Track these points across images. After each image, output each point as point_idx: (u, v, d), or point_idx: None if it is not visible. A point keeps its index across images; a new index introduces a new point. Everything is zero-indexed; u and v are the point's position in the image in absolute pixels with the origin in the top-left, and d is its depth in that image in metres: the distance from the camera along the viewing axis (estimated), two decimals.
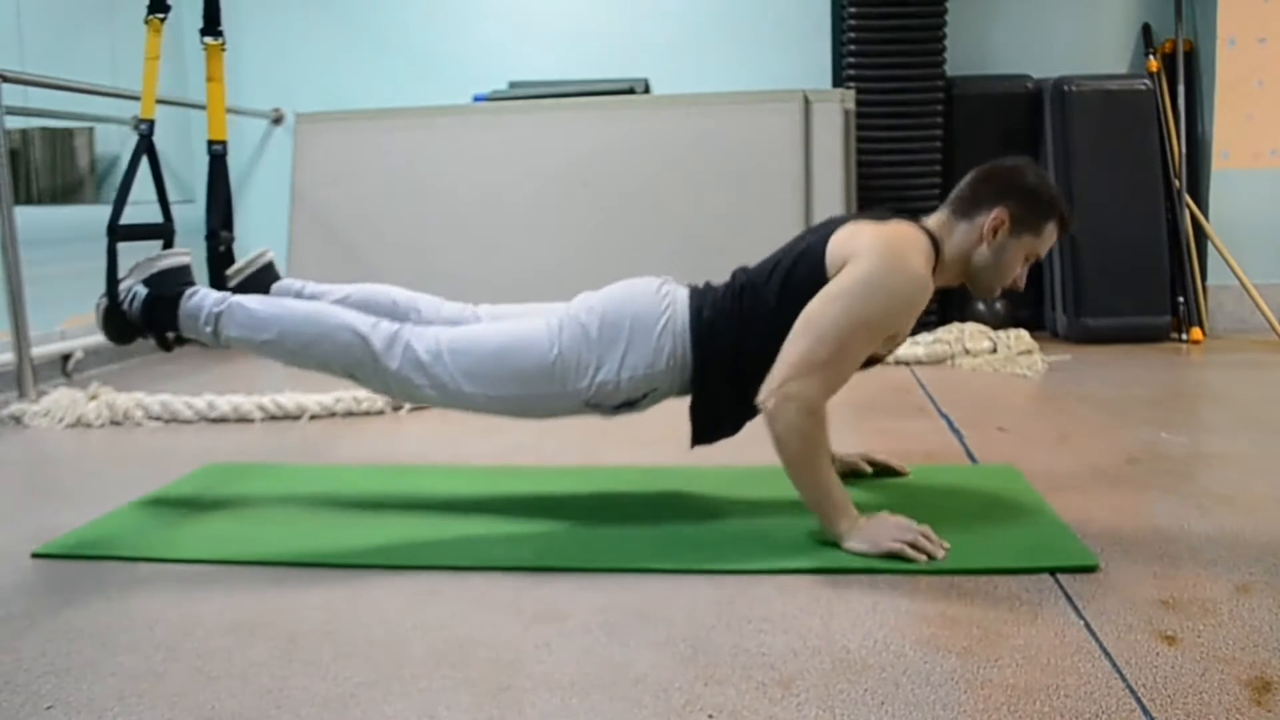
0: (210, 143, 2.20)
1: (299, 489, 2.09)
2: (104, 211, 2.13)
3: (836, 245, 1.68)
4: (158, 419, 2.80)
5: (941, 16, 3.83)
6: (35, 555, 1.72)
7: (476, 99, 4.08)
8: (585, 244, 3.77)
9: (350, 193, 3.92)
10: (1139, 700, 1.16)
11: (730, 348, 1.73)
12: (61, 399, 2.83)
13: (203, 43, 2.19)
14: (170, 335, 1.92)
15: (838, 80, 4.07)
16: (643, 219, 3.76)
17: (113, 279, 1.94)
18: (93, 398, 2.85)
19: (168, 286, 1.88)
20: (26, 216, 3.04)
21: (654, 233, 3.73)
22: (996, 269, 1.76)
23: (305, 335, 1.80)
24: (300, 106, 4.12)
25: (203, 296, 1.87)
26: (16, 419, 2.80)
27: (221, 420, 2.78)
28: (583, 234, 3.78)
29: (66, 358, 3.39)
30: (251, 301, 1.85)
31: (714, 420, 1.79)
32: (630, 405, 1.78)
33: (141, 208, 2.12)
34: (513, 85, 4.18)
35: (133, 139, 3.89)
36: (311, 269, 3.87)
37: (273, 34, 4.32)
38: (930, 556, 1.57)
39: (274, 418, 2.80)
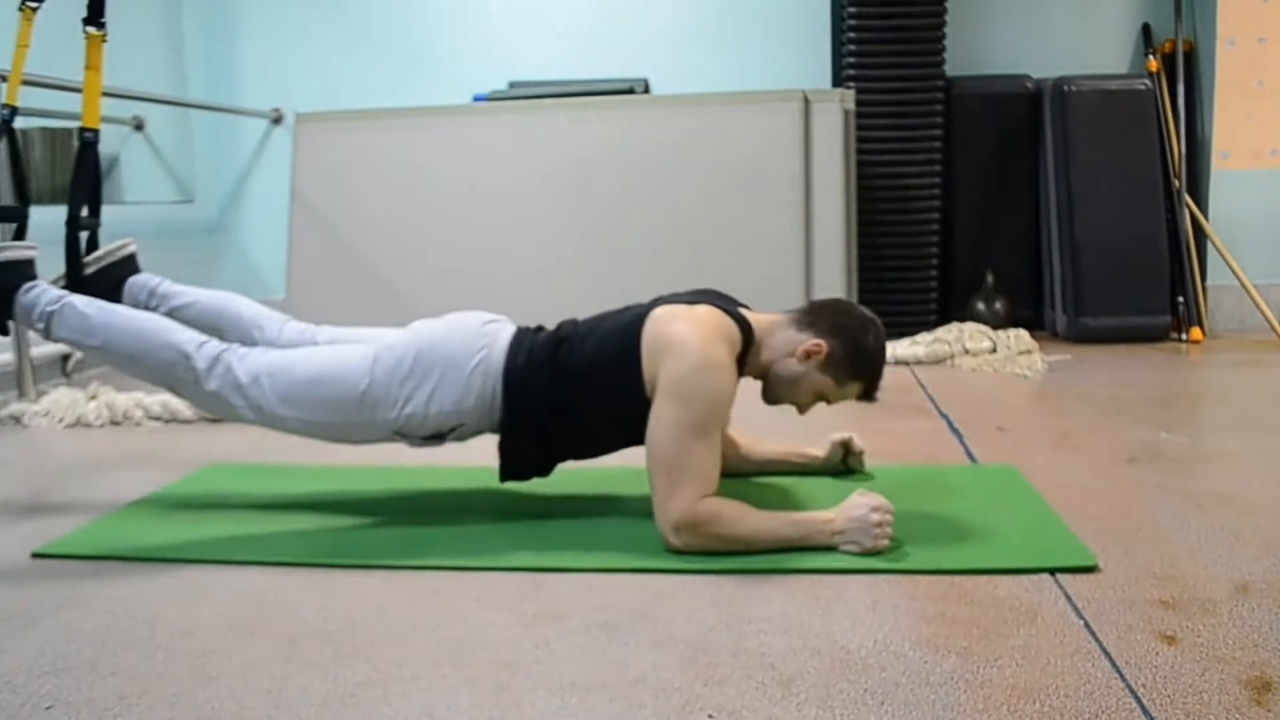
0: (81, 130, 2.21)
1: (299, 489, 2.09)
2: (103, 211, 2.13)
3: (651, 327, 1.72)
4: (158, 419, 2.81)
5: (941, 16, 3.83)
6: (35, 555, 1.72)
7: (476, 99, 4.08)
8: (585, 244, 3.77)
9: (350, 193, 3.92)
10: (1139, 700, 1.16)
11: (538, 396, 1.77)
12: (61, 399, 2.83)
13: (84, 32, 2.20)
14: (8, 323, 1.93)
15: (838, 80, 4.07)
16: (642, 219, 3.76)
17: None
18: (93, 398, 2.85)
19: (7, 278, 1.88)
20: None
21: (654, 232, 3.73)
22: (790, 387, 1.81)
23: (130, 348, 1.83)
24: (300, 106, 4.11)
25: (40, 293, 1.88)
26: (16, 419, 2.80)
27: (221, 420, 2.78)
28: (582, 234, 3.78)
29: (66, 358, 3.38)
30: (86, 306, 1.87)
31: (519, 460, 1.84)
32: (438, 438, 1.82)
33: (135, 208, 2.12)
34: (513, 85, 4.18)
35: (133, 138, 3.91)
36: (311, 268, 3.88)
37: (273, 34, 4.32)
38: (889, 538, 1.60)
39: None
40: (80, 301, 1.87)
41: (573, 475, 2.14)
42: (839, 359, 1.76)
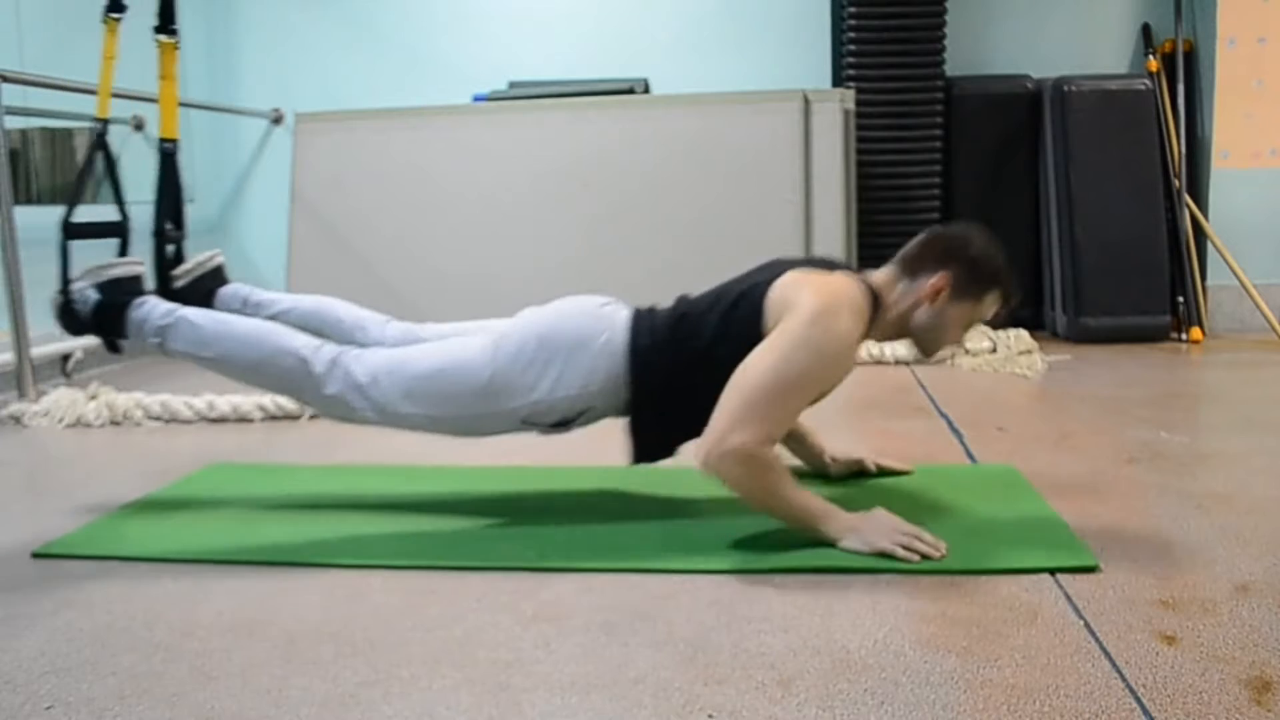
0: (161, 140, 2.20)
1: (299, 489, 2.09)
2: (104, 211, 2.13)
3: (776, 295, 1.69)
4: (158, 419, 2.81)
5: (941, 16, 3.83)
6: (35, 555, 1.72)
7: (476, 99, 4.08)
8: (585, 244, 3.77)
9: (350, 192, 3.92)
10: (1139, 700, 1.16)
11: (664, 374, 1.74)
12: (61, 399, 2.83)
13: (156, 40, 2.19)
14: (118, 340, 1.93)
15: (838, 80, 4.07)
16: (642, 219, 3.76)
17: (65, 276, 1.94)
18: (93, 398, 2.85)
19: (117, 294, 1.89)
20: (26, 216, 3.04)
21: (654, 232, 3.73)
22: (935, 331, 1.78)
23: (249, 358, 1.82)
24: (300, 106, 4.12)
25: (150, 308, 1.88)
26: (16, 419, 2.80)
27: (221, 420, 2.79)
28: (583, 234, 3.78)
29: (66, 358, 3.39)
30: (198, 317, 1.86)
31: (648, 442, 1.81)
32: (566, 424, 1.80)
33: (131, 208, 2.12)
34: (513, 85, 4.18)
35: (133, 138, 3.91)
36: (311, 269, 3.88)
37: (273, 34, 4.32)
38: (925, 557, 1.57)
39: (274, 418, 2.80)
40: (192, 314, 1.86)
41: (573, 475, 2.14)
42: (965, 281, 1.74)
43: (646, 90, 4.10)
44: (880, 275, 1.80)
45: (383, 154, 3.91)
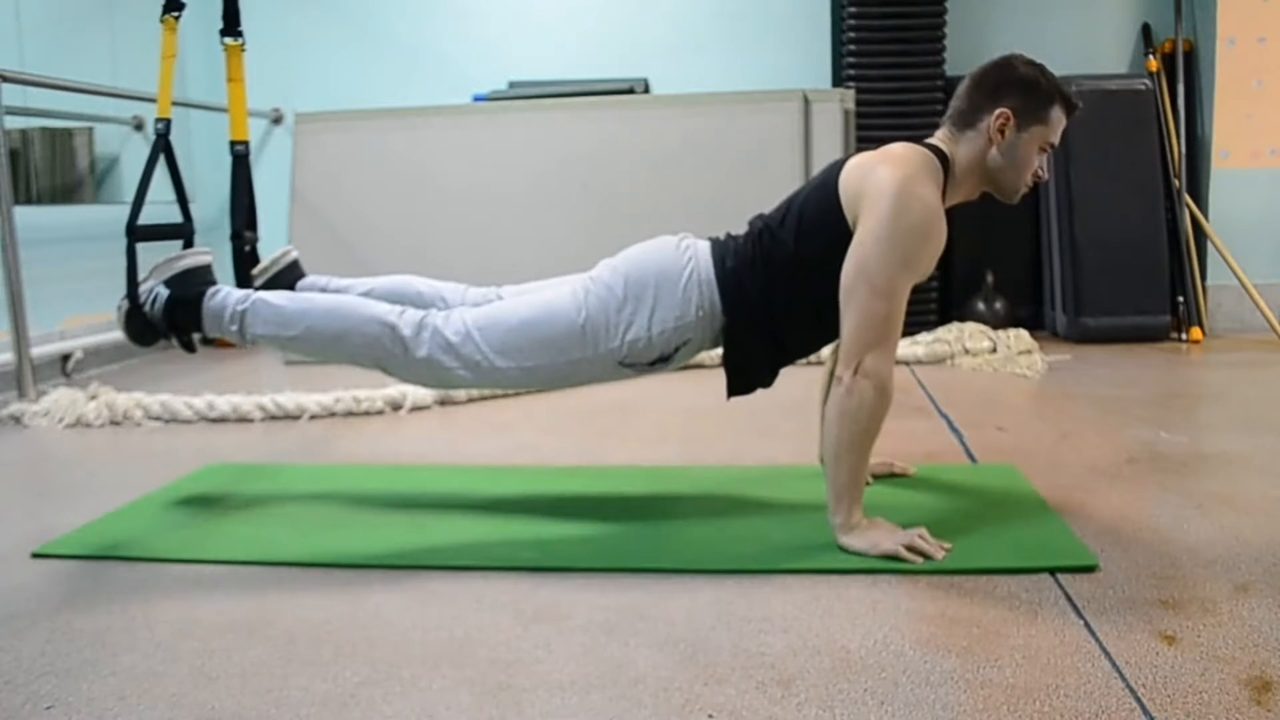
0: (232, 143, 2.20)
1: (299, 489, 2.09)
2: (104, 211, 2.13)
3: (848, 180, 1.69)
4: (158, 419, 2.81)
5: (941, 16, 3.83)
6: (35, 555, 1.72)
7: (476, 99, 4.08)
8: (585, 244, 3.75)
9: (350, 193, 3.92)
10: (1139, 700, 1.16)
11: (757, 293, 1.73)
12: (61, 399, 2.83)
13: (223, 43, 2.19)
14: (194, 336, 1.91)
15: (837, 80, 4.07)
16: (642, 219, 3.75)
17: (133, 280, 1.92)
18: (93, 398, 2.85)
19: (189, 287, 1.87)
20: (26, 216, 3.04)
21: (653, 232, 3.70)
22: (1014, 168, 1.75)
23: (333, 329, 1.79)
24: (300, 106, 4.12)
25: (226, 295, 1.86)
26: (16, 419, 2.80)
27: (221, 420, 2.78)
28: (583, 234, 3.78)
29: (66, 358, 3.39)
30: (276, 298, 1.85)
31: (748, 369, 1.79)
32: (664, 360, 1.78)
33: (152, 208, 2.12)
34: (513, 85, 4.18)
35: (132, 138, 3.92)
36: (311, 268, 3.86)
37: (272, 34, 4.31)
38: (928, 557, 1.57)
39: (274, 418, 2.80)
40: (269, 295, 1.85)
41: (573, 475, 2.14)
42: (1025, 106, 1.72)
43: (646, 90, 4.10)
44: (939, 138, 1.79)
45: (383, 154, 3.91)
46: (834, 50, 4.12)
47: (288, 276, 2.08)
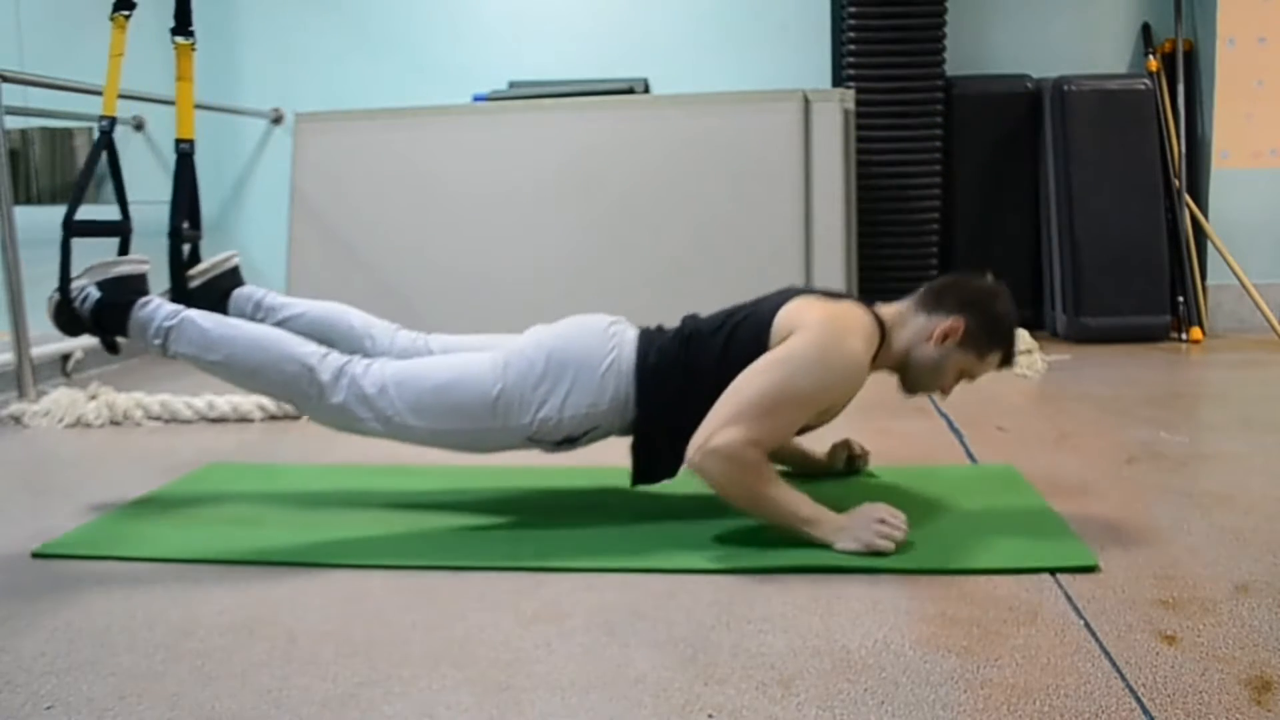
0: (178, 141, 2.20)
1: (299, 489, 2.09)
2: (104, 211, 2.13)
3: (784, 316, 1.70)
4: (158, 419, 2.81)
5: (941, 16, 3.83)
6: (35, 555, 1.72)
7: (476, 99, 4.08)
8: (585, 244, 3.77)
9: (350, 193, 3.92)
10: (1139, 700, 1.16)
11: (673, 395, 1.74)
12: (61, 399, 2.83)
13: (173, 42, 2.19)
14: (117, 339, 1.92)
15: (838, 80, 4.07)
16: (642, 219, 3.76)
17: (65, 274, 1.92)
18: (93, 398, 2.85)
19: (121, 294, 1.87)
20: (26, 216, 3.04)
21: (654, 233, 3.73)
22: (931, 372, 1.79)
23: (253, 362, 1.81)
24: (300, 106, 4.11)
25: (155, 308, 1.86)
26: (16, 419, 2.80)
27: (221, 420, 2.78)
28: (583, 234, 3.78)
29: (66, 358, 3.39)
30: (204, 320, 1.85)
31: (653, 463, 1.81)
32: (571, 441, 1.80)
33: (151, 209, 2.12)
34: (513, 85, 4.17)
35: (133, 138, 3.91)
36: (311, 269, 3.88)
37: (273, 34, 4.32)
38: (897, 541, 1.59)
39: (274, 418, 2.80)
40: (198, 316, 1.85)
41: (573, 475, 2.14)
42: (976, 333, 1.74)
43: (646, 90, 4.10)
44: (892, 308, 1.81)
45: (383, 154, 3.90)
46: (834, 50, 4.12)
47: (226, 282, 2.07)
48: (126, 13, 2.11)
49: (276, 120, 4.36)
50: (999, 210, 4.04)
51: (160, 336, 1.84)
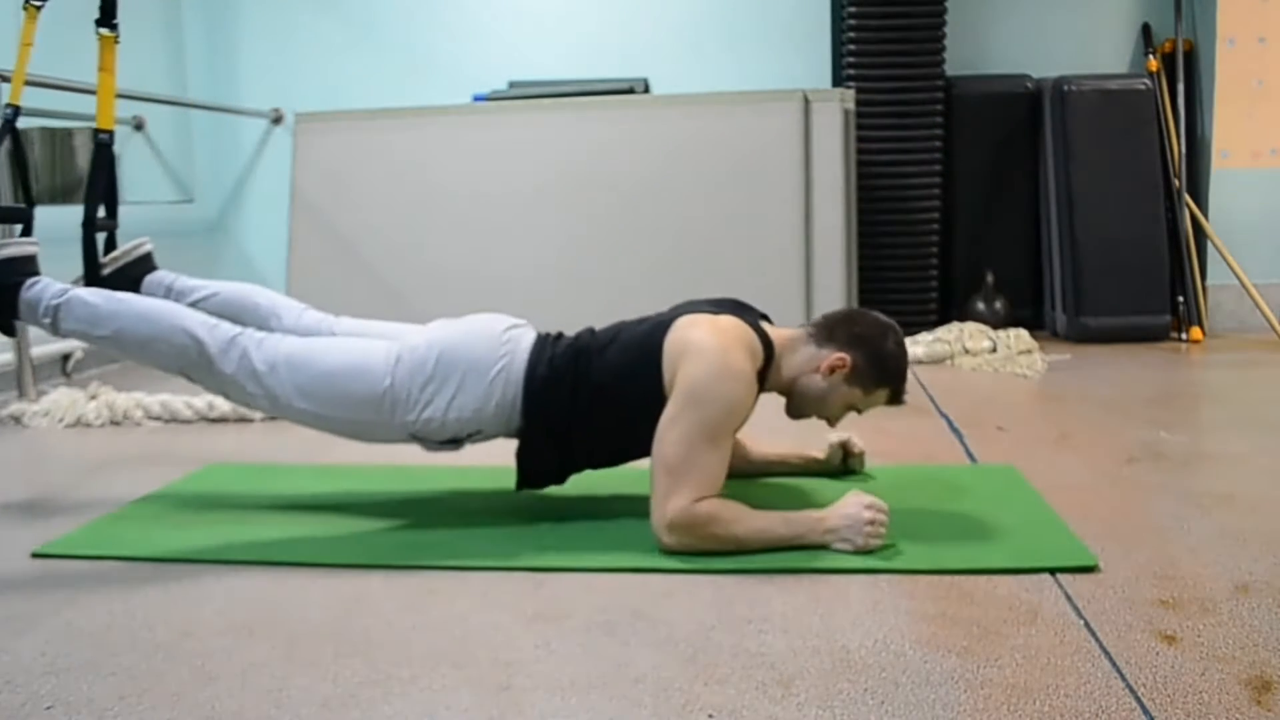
0: (96, 132, 2.21)
1: (299, 489, 2.09)
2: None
3: (673, 336, 1.71)
4: (158, 419, 2.81)
5: (941, 16, 3.83)
6: (35, 555, 1.72)
7: (476, 99, 4.08)
8: (584, 243, 3.77)
9: (350, 192, 3.92)
10: (1139, 700, 1.16)
11: (558, 409, 1.75)
12: (61, 399, 2.83)
13: (97, 33, 2.21)
14: (12, 321, 1.91)
15: (838, 80, 4.07)
16: (642, 219, 3.76)
17: None
18: (93, 398, 2.85)
19: (9, 275, 1.86)
20: None
21: (653, 232, 3.73)
22: (817, 403, 1.81)
23: (141, 334, 1.80)
24: (300, 106, 4.11)
25: (43, 288, 1.86)
26: (16, 419, 2.80)
27: (221, 420, 2.78)
28: (582, 233, 3.78)
29: (66, 358, 3.39)
30: (92, 296, 1.84)
31: (536, 470, 1.82)
32: (455, 443, 1.81)
33: (150, 209, 2.12)
34: (513, 85, 4.17)
35: (133, 138, 3.91)
36: (311, 269, 3.88)
37: (273, 34, 4.31)
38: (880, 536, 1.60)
39: (274, 418, 2.79)
40: (86, 293, 1.85)
41: (573, 475, 2.14)
42: (863, 369, 1.76)
43: (646, 90, 4.10)
44: (785, 332, 1.82)
45: (383, 154, 3.90)
46: (834, 50, 4.12)
47: (138, 269, 2.08)
48: (39, 4, 2.13)
49: (276, 120, 4.36)
50: (999, 210, 4.03)
51: (49, 315, 1.83)
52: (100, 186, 2.15)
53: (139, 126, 3.98)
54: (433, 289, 3.76)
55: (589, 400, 1.73)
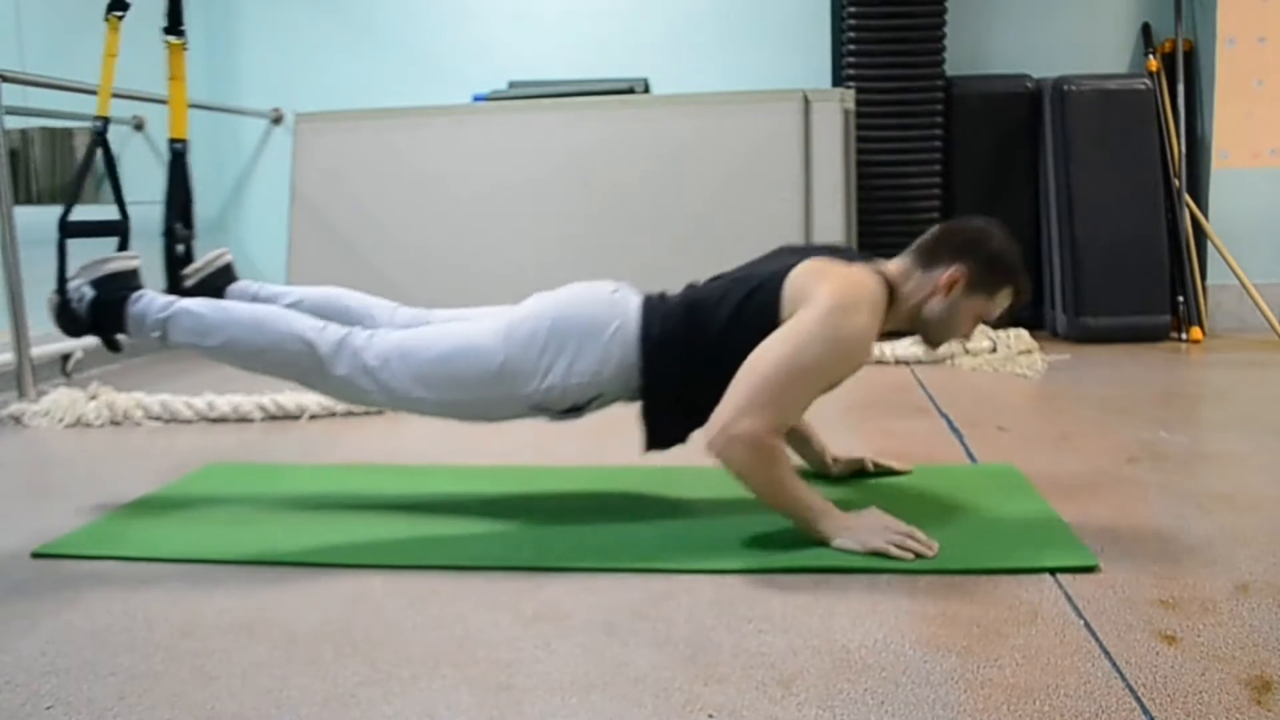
0: (171, 141, 2.20)
1: (299, 489, 2.09)
2: (104, 211, 2.13)
3: (794, 286, 1.69)
4: (158, 419, 2.80)
5: (941, 16, 3.83)
6: (35, 555, 1.72)
7: (476, 99, 4.08)
8: (585, 244, 3.77)
9: (350, 193, 3.92)
10: (1139, 700, 1.16)
11: (677, 365, 1.74)
12: (61, 399, 2.83)
13: (165, 41, 2.20)
14: (118, 336, 1.92)
15: (837, 80, 4.07)
16: (642, 219, 3.76)
17: (63, 276, 1.93)
18: (93, 398, 2.85)
19: (114, 290, 1.87)
20: (26, 216, 3.04)
21: (653, 232, 3.73)
22: (946, 324, 1.78)
23: (252, 343, 1.80)
24: (300, 106, 4.12)
25: (149, 301, 1.86)
26: (16, 419, 2.80)
27: (221, 420, 2.78)
28: (582, 234, 3.78)
29: (66, 358, 3.39)
30: (199, 306, 1.84)
31: (662, 429, 1.80)
32: (576, 410, 1.80)
33: (148, 208, 2.12)
34: (513, 85, 4.18)
35: (133, 138, 3.91)
36: (311, 269, 3.88)
37: (273, 34, 4.32)
38: (918, 556, 1.57)
39: (274, 418, 2.80)
40: (192, 303, 1.84)
41: (573, 475, 2.14)
42: (979, 276, 1.73)
43: (646, 90, 4.10)
44: (894, 266, 1.80)
45: (383, 154, 3.91)
46: (834, 50, 4.12)
47: (220, 279, 2.08)
48: (120, 13, 2.12)
49: (276, 120, 4.36)
50: (999, 210, 3.98)
51: (158, 329, 1.83)
52: (178, 197, 2.14)
53: (139, 126, 3.98)
54: (433, 289, 3.75)
55: (707, 355, 1.71)
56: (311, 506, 1.97)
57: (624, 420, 1.85)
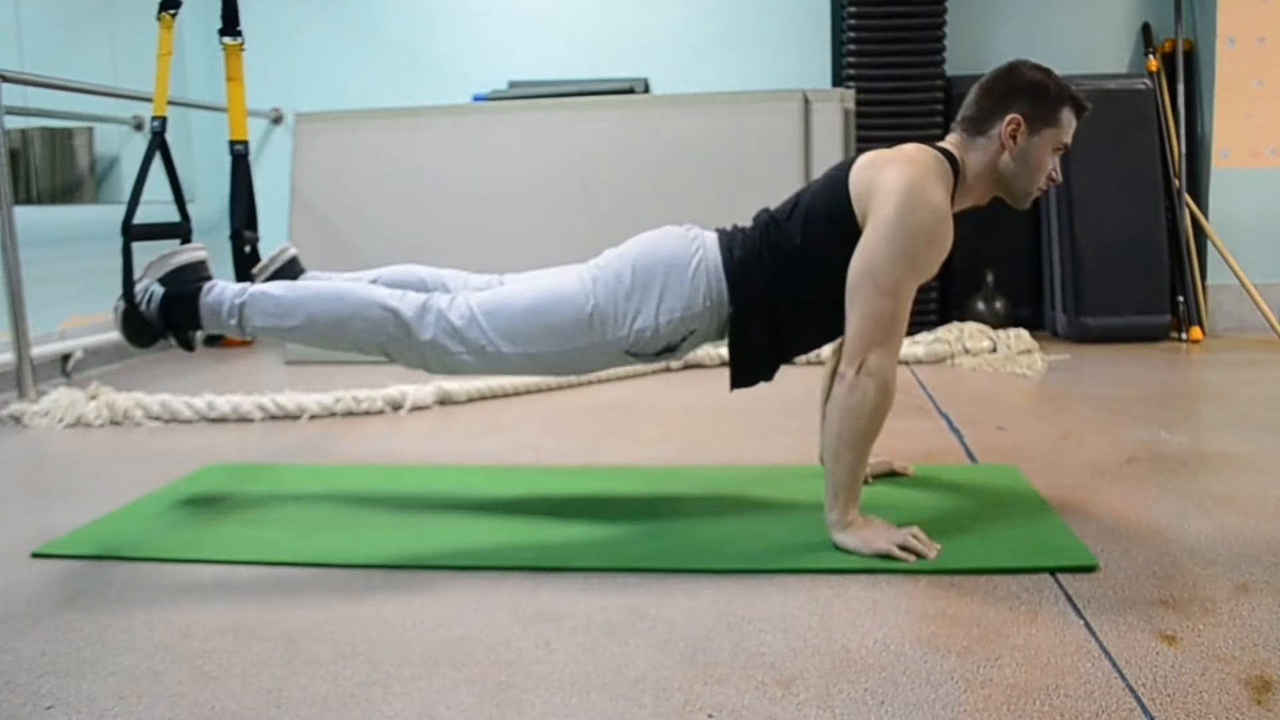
0: (232, 143, 2.20)
1: (299, 489, 2.09)
2: (104, 211, 2.13)
3: (859, 178, 1.69)
4: (158, 419, 2.81)
5: (941, 16, 3.83)
6: (35, 555, 1.72)
7: (476, 99, 4.08)
8: (585, 244, 3.74)
9: (350, 192, 3.92)
10: (1139, 700, 1.16)
11: (764, 284, 1.73)
12: (61, 399, 2.83)
13: (222, 43, 2.20)
14: (192, 334, 1.90)
15: (838, 80, 4.07)
16: (642, 219, 3.73)
17: (129, 280, 1.90)
18: (93, 398, 2.85)
19: (185, 283, 1.85)
20: (26, 216, 3.04)
21: None
22: (1027, 172, 1.76)
23: (334, 316, 1.77)
24: (300, 106, 4.12)
25: (222, 290, 1.84)
26: (16, 419, 2.81)
27: (221, 420, 2.78)
28: (582, 234, 3.77)
29: (66, 358, 3.39)
30: (274, 288, 1.82)
31: (752, 360, 1.79)
32: (670, 350, 1.78)
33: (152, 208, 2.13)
34: (513, 85, 4.18)
35: (133, 138, 3.91)
36: (311, 268, 3.86)
37: (272, 34, 4.32)
38: (921, 556, 1.58)
39: (274, 418, 2.80)
40: (267, 286, 1.83)
41: (573, 475, 2.14)
42: (1035, 110, 1.72)
43: (646, 90, 4.10)
44: (949, 143, 1.79)
45: (383, 154, 3.91)
46: (834, 50, 4.13)
47: (287, 273, 2.08)
48: (173, 11, 2.11)
49: (276, 120, 4.36)
50: (999, 210, 4.01)
51: (235, 315, 1.81)
52: (242, 199, 2.13)
53: (139, 126, 3.98)
54: None
55: (790, 266, 1.71)
56: (311, 506, 1.97)
57: (624, 420, 1.85)
